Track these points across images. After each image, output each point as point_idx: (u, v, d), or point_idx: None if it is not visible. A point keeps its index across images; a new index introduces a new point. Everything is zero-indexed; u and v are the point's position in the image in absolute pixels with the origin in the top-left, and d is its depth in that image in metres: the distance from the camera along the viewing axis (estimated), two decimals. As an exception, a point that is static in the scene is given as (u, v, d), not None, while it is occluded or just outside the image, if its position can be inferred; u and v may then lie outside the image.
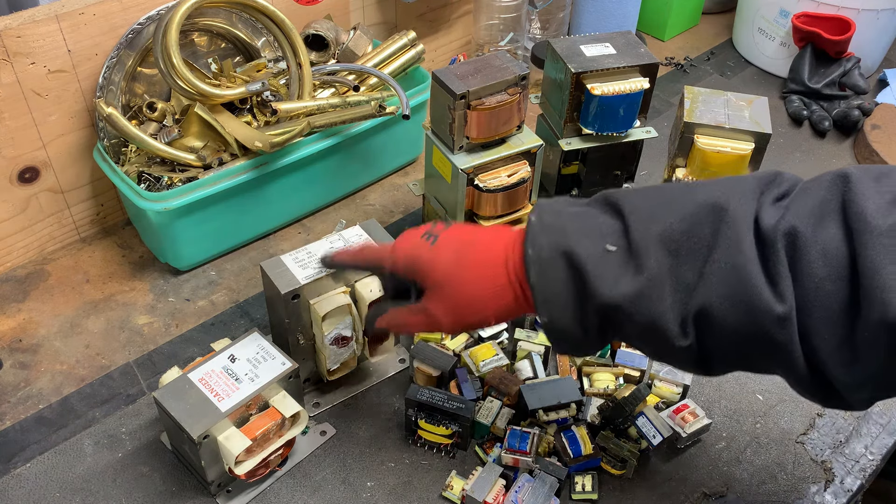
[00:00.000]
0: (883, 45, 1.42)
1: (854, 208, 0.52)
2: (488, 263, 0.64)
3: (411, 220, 1.11)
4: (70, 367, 0.90)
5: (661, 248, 0.56)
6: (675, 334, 0.56)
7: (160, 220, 0.93)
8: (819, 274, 0.52)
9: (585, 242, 0.58)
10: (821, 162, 1.25)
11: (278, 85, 1.02)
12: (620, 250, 0.58)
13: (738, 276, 0.53)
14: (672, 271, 0.56)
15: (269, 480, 0.79)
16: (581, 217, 0.61)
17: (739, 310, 0.53)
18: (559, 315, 0.59)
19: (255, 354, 0.77)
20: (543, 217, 0.61)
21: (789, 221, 0.53)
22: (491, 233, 0.67)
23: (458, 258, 0.65)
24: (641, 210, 0.58)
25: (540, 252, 0.59)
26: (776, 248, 0.53)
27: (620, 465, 0.78)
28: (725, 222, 0.55)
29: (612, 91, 0.88)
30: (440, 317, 0.65)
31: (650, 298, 0.56)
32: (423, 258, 0.66)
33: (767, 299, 0.52)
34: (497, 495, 0.75)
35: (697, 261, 0.55)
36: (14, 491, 0.77)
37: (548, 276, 0.59)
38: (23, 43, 0.88)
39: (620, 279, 0.57)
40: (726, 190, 0.57)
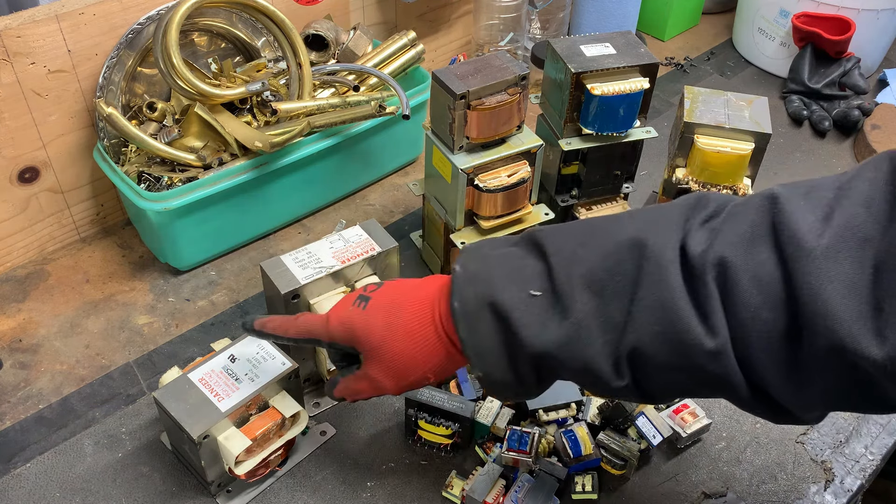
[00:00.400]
0: (883, 45, 1.42)
1: (786, 231, 0.49)
2: (417, 322, 0.63)
3: (411, 220, 1.11)
4: (70, 367, 0.90)
5: (585, 290, 0.55)
6: (609, 376, 0.54)
7: (160, 220, 0.93)
8: (754, 303, 0.49)
9: (510, 289, 0.57)
10: (821, 162, 1.25)
11: (278, 85, 1.02)
12: (545, 294, 0.56)
13: (665, 313, 0.52)
14: (599, 313, 0.54)
15: (269, 480, 0.79)
16: (506, 261, 0.59)
17: (671, 347, 0.52)
18: (492, 368, 0.58)
19: (255, 354, 0.77)
20: (468, 266, 0.60)
21: (718, 251, 0.51)
22: (419, 287, 0.65)
23: (388, 321, 0.64)
24: (564, 250, 0.57)
25: (466, 305, 0.58)
26: (705, 279, 0.51)
27: (620, 465, 0.78)
28: (646, 258, 0.53)
29: (612, 91, 0.88)
30: (382, 381, 0.65)
31: (579, 343, 0.54)
32: (356, 324, 0.65)
33: (698, 334, 0.50)
34: (497, 495, 0.75)
35: (623, 300, 0.53)
36: (14, 491, 0.77)
37: (476, 329, 0.58)
38: (23, 43, 0.88)
39: (547, 326, 0.55)
40: (647, 224, 0.55)
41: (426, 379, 0.65)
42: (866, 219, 0.48)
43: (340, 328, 0.66)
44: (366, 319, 0.65)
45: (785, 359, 0.50)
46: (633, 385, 0.55)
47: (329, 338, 0.66)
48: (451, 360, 0.63)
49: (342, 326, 0.66)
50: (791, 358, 0.49)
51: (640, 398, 0.57)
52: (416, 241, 1.07)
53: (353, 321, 0.65)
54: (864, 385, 0.48)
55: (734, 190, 0.88)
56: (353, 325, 0.65)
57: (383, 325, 0.64)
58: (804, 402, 0.51)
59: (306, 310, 0.79)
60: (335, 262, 0.79)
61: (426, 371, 0.64)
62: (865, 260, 0.47)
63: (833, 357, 0.47)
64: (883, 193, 0.49)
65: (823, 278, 0.47)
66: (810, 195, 0.51)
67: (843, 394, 0.50)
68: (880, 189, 0.49)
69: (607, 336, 0.54)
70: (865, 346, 0.45)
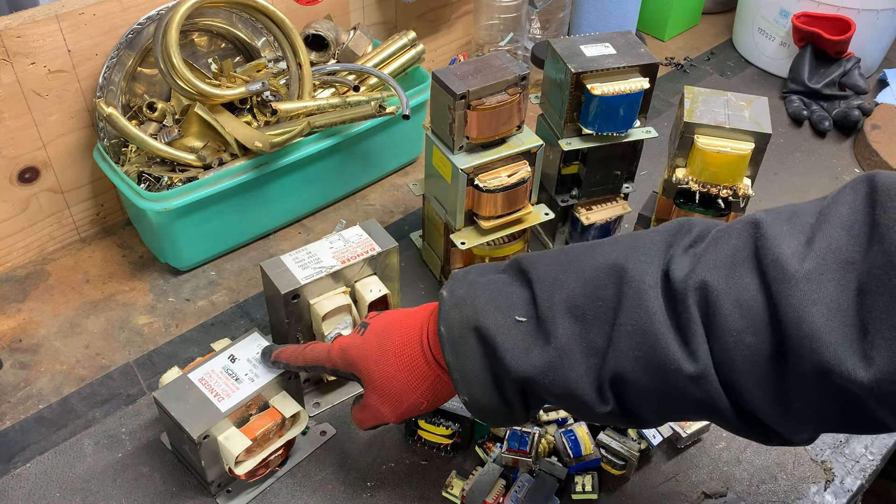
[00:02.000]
0: (883, 45, 1.42)
1: (768, 255, 0.49)
2: (406, 347, 0.64)
3: (411, 220, 1.11)
4: (70, 367, 0.90)
5: (567, 316, 0.55)
6: (593, 401, 0.55)
7: (160, 220, 0.93)
8: (736, 327, 0.49)
9: (495, 315, 0.57)
10: (821, 162, 1.25)
11: (278, 85, 1.02)
12: (530, 321, 0.56)
13: (645, 338, 0.52)
14: (580, 338, 0.54)
15: (269, 480, 0.79)
16: (492, 288, 0.59)
17: (652, 372, 0.52)
18: (478, 392, 0.59)
19: (255, 354, 0.77)
20: (455, 291, 0.60)
21: (699, 275, 0.51)
22: (410, 314, 0.66)
23: (380, 345, 0.65)
24: (546, 277, 0.57)
25: (451, 329, 0.59)
26: (686, 304, 0.51)
27: (620, 465, 0.78)
28: (626, 282, 0.53)
29: (612, 91, 0.88)
30: (381, 408, 0.66)
31: (562, 368, 0.55)
32: (353, 351, 0.66)
33: (678, 359, 0.50)
34: (497, 495, 0.75)
35: (605, 325, 0.54)
36: (14, 491, 0.77)
37: (461, 353, 0.58)
38: (23, 43, 0.88)
39: (531, 351, 0.56)
40: (628, 249, 0.55)
41: (420, 404, 0.65)
42: (847, 242, 0.48)
43: (340, 355, 0.68)
44: (362, 345, 0.66)
45: (771, 382, 0.49)
46: (618, 410, 0.55)
47: (332, 365, 0.68)
48: (442, 385, 0.64)
49: (341, 353, 0.68)
50: (777, 381, 0.49)
51: (627, 423, 0.57)
52: (416, 241, 1.06)
53: (351, 347, 0.67)
54: (852, 407, 0.48)
55: (734, 190, 0.88)
56: (351, 351, 0.67)
57: (376, 350, 0.65)
58: (792, 424, 0.51)
59: (306, 310, 0.79)
60: (335, 262, 0.79)
61: (419, 395, 0.64)
62: (848, 282, 0.47)
63: (819, 380, 0.47)
64: (862, 216, 0.49)
65: (807, 301, 0.47)
66: (792, 220, 0.51)
67: (831, 415, 0.50)
68: (860, 212, 0.49)
69: (590, 361, 0.54)
70: (851, 369, 0.45)
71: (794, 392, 0.49)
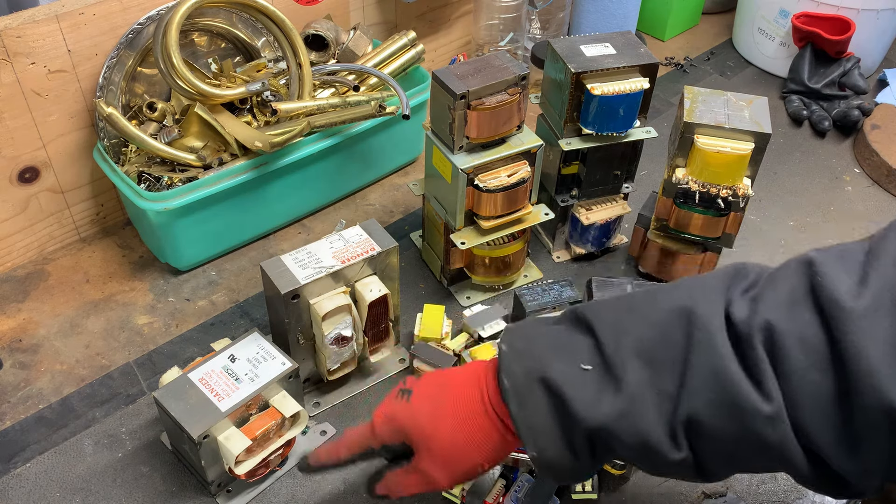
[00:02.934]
0: (883, 45, 1.42)
1: (825, 293, 0.50)
2: (465, 406, 0.62)
3: (411, 220, 1.11)
4: (70, 367, 0.90)
5: (636, 360, 0.54)
6: (667, 447, 0.54)
7: (160, 220, 0.93)
8: (802, 365, 0.50)
9: (560, 365, 0.56)
10: (821, 162, 1.25)
11: (278, 85, 1.02)
12: (596, 368, 0.56)
13: (718, 379, 0.51)
14: (652, 383, 0.54)
15: (269, 480, 0.79)
16: (552, 338, 0.59)
17: (727, 413, 0.51)
18: (546, 444, 0.57)
19: (255, 354, 0.77)
20: (514, 343, 0.59)
21: (762, 315, 0.51)
22: (462, 372, 0.64)
23: (435, 410, 0.62)
24: (610, 323, 0.57)
25: (515, 382, 0.58)
26: (753, 344, 0.51)
27: (620, 465, 0.78)
28: (695, 325, 0.53)
29: (612, 91, 0.88)
30: (434, 474, 0.63)
31: (635, 415, 0.54)
32: (402, 418, 0.63)
33: (753, 400, 0.50)
34: (497, 495, 0.75)
35: (675, 368, 0.53)
36: (14, 491, 0.77)
37: (528, 405, 0.57)
38: (23, 43, 0.88)
39: (601, 399, 0.55)
40: (691, 292, 0.55)
41: (480, 467, 0.63)
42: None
43: (387, 426, 0.64)
44: (412, 412, 0.63)
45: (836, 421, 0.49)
46: (690, 458, 0.54)
47: (379, 441, 0.65)
48: (505, 443, 0.62)
49: (389, 423, 0.64)
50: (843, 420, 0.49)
51: (697, 473, 0.56)
52: (416, 241, 1.07)
53: (399, 415, 0.64)
54: None
55: (734, 190, 0.88)
56: (399, 419, 0.64)
57: (430, 414, 0.63)
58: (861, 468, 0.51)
59: (306, 310, 0.79)
60: (335, 262, 0.79)
61: (480, 458, 0.62)
62: None
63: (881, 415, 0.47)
64: None
65: (866, 337, 0.47)
66: (843, 258, 0.52)
67: None
68: None
69: (662, 406, 0.53)
70: None
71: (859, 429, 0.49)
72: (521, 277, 1.01)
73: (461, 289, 1.00)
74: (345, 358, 0.83)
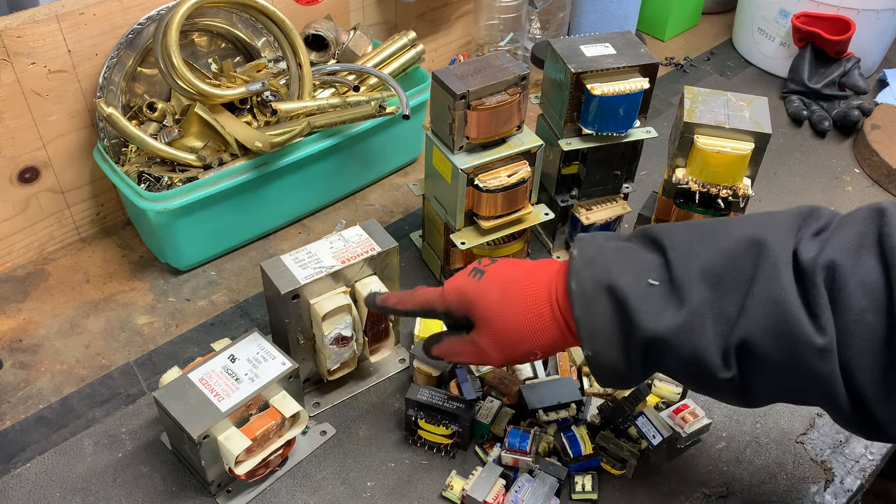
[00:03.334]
0: (883, 45, 1.42)
1: (890, 242, 0.52)
2: (532, 299, 0.65)
3: (411, 220, 1.11)
4: (70, 367, 0.90)
5: (702, 283, 0.57)
6: (717, 366, 0.56)
7: (160, 220, 0.93)
8: (859, 306, 0.52)
9: (628, 277, 0.59)
10: (821, 162, 1.25)
11: (278, 85, 1.02)
12: (663, 284, 0.58)
13: (778, 308, 0.54)
14: (713, 304, 0.56)
15: (269, 480, 0.79)
16: (622, 252, 0.62)
17: (780, 342, 0.54)
18: (604, 348, 0.60)
19: (255, 354, 0.77)
20: (585, 251, 0.62)
21: (828, 254, 0.54)
22: (535, 267, 0.68)
23: (503, 294, 0.66)
24: (682, 245, 0.59)
25: (583, 286, 0.61)
26: (815, 280, 0.53)
27: (620, 465, 0.78)
28: (764, 256, 0.55)
29: (612, 91, 0.88)
30: (489, 350, 0.67)
31: (693, 331, 0.57)
32: (470, 294, 0.67)
33: (808, 331, 0.53)
34: (497, 495, 0.75)
35: (738, 294, 0.56)
36: (14, 491, 0.77)
37: (592, 310, 0.60)
38: (23, 43, 0.88)
39: (663, 312, 0.58)
40: (764, 225, 0.58)
41: (533, 354, 0.67)
42: None
43: (455, 296, 0.68)
44: (480, 290, 0.67)
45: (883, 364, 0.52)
46: (738, 378, 0.57)
47: (444, 306, 0.69)
48: (563, 339, 0.65)
49: (457, 294, 0.68)
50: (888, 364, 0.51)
51: (740, 395, 0.59)
52: (416, 241, 1.07)
53: (468, 290, 0.68)
54: None
55: (734, 190, 0.88)
56: (468, 293, 0.67)
57: (498, 297, 0.66)
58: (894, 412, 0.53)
59: (306, 310, 0.79)
60: (335, 262, 0.79)
61: (534, 346, 0.66)
62: None
63: None
64: None
65: None
66: None
67: None
68: None
69: (720, 327, 0.56)
70: None
71: None
72: (521, 277, 1.01)
73: (461, 289, 1.00)
74: (345, 358, 0.83)
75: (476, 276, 0.69)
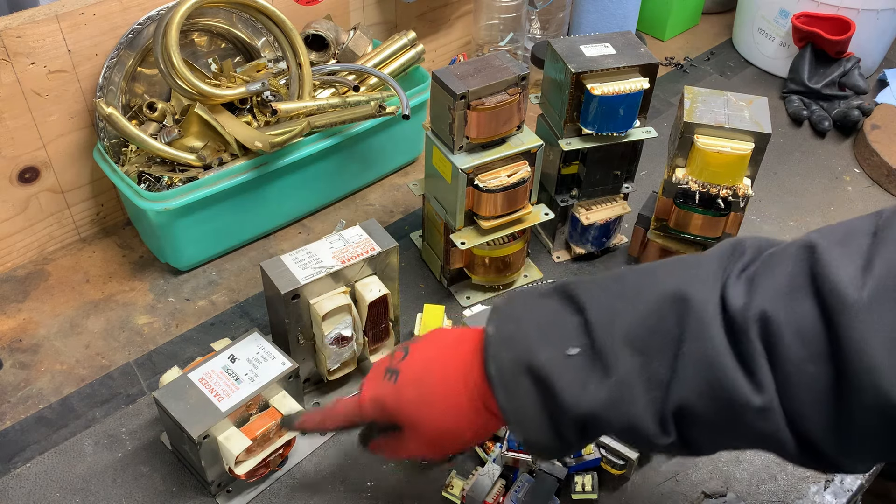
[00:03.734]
0: (883, 45, 1.42)
1: (826, 284, 0.48)
2: (450, 395, 0.61)
3: (411, 220, 1.11)
4: (70, 367, 0.90)
5: (625, 348, 0.53)
6: (655, 434, 0.53)
7: (160, 220, 0.93)
8: (798, 357, 0.48)
9: (547, 350, 0.55)
10: (821, 162, 1.25)
11: (278, 85, 1.02)
12: (584, 351, 0.55)
13: (710, 369, 0.50)
14: (641, 371, 0.53)
15: (269, 480, 0.79)
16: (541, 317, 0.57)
17: (718, 404, 0.51)
18: (534, 433, 0.57)
19: (255, 354, 0.77)
20: (501, 328, 0.58)
21: (759, 305, 0.50)
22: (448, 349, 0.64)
23: (420, 396, 0.63)
24: (601, 305, 0.55)
25: (502, 370, 0.57)
26: (748, 335, 0.50)
27: (620, 465, 0.78)
28: (688, 313, 0.52)
29: (612, 91, 0.88)
30: (423, 451, 0.65)
31: (623, 402, 0.53)
32: (388, 402, 0.64)
33: (745, 392, 0.49)
34: (497, 495, 0.75)
35: (667, 356, 0.52)
36: (14, 491, 0.77)
37: (515, 395, 0.56)
38: (23, 43, 0.88)
39: (588, 385, 0.54)
40: (686, 276, 0.54)
41: (467, 446, 0.65)
42: None
43: (374, 409, 0.65)
44: (398, 396, 0.64)
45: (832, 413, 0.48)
46: (678, 442, 0.54)
47: (367, 419, 0.66)
48: (491, 425, 0.62)
49: (375, 406, 0.65)
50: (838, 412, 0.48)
51: (687, 454, 0.56)
52: (416, 241, 1.07)
53: (385, 400, 0.64)
54: None
55: (734, 190, 0.88)
56: (386, 403, 0.64)
57: (416, 402, 0.63)
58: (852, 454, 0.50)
59: (306, 310, 0.79)
60: (335, 262, 0.79)
61: (465, 440, 0.63)
62: None
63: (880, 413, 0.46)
64: None
65: (867, 332, 0.46)
66: (846, 242, 0.50)
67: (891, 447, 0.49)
68: None
69: (652, 394, 0.53)
70: None
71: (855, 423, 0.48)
72: (520, 277, 1.01)
73: (461, 289, 1.00)
74: (345, 358, 0.83)
75: (391, 378, 0.64)
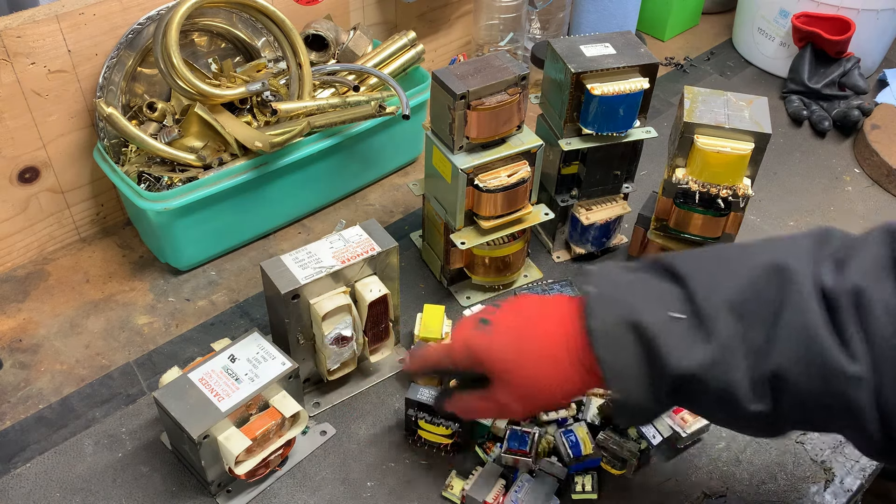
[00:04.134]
0: (883, 45, 1.42)
1: None
2: (548, 346, 0.62)
3: (411, 220, 1.11)
4: (70, 367, 0.90)
5: (728, 314, 0.55)
6: (749, 399, 0.55)
7: (160, 220, 0.93)
8: (886, 332, 0.50)
9: (652, 312, 0.57)
10: (821, 162, 1.25)
11: (278, 85, 1.02)
12: (688, 317, 0.56)
13: (808, 337, 0.52)
14: (742, 336, 0.55)
15: (269, 480, 0.79)
16: (639, 285, 0.59)
17: (813, 371, 0.52)
18: (633, 388, 0.58)
19: (255, 354, 0.77)
20: (601, 287, 0.60)
21: (851, 280, 0.52)
22: (545, 308, 0.64)
23: (516, 345, 0.63)
24: (701, 275, 0.57)
25: (604, 325, 0.58)
26: (843, 306, 0.52)
27: (620, 465, 0.78)
28: (789, 283, 0.54)
29: (612, 91, 0.88)
30: (511, 405, 0.64)
31: (723, 365, 0.55)
32: (481, 349, 0.64)
33: (840, 360, 0.51)
34: (497, 495, 0.75)
35: (766, 324, 0.54)
36: (14, 491, 0.77)
37: (616, 349, 0.57)
38: (23, 43, 0.88)
39: (692, 348, 0.55)
40: (784, 250, 0.56)
41: (557, 403, 0.65)
42: None
43: (465, 354, 0.65)
44: (491, 342, 0.64)
45: None
46: (770, 409, 0.55)
47: (453, 363, 0.66)
48: (585, 383, 0.62)
49: (466, 350, 0.65)
50: None
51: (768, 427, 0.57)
52: (416, 241, 1.07)
53: (478, 345, 0.64)
54: None
55: (734, 190, 0.88)
56: (479, 349, 0.64)
57: (511, 348, 0.63)
58: None
59: (306, 310, 0.79)
60: (335, 262, 0.79)
61: (557, 395, 0.63)
62: None
63: None
64: None
65: None
66: None
67: None
68: None
69: (750, 360, 0.54)
70: None
71: None
72: (520, 277, 1.01)
73: (461, 289, 1.00)
74: (345, 358, 0.83)
75: (484, 328, 0.65)
